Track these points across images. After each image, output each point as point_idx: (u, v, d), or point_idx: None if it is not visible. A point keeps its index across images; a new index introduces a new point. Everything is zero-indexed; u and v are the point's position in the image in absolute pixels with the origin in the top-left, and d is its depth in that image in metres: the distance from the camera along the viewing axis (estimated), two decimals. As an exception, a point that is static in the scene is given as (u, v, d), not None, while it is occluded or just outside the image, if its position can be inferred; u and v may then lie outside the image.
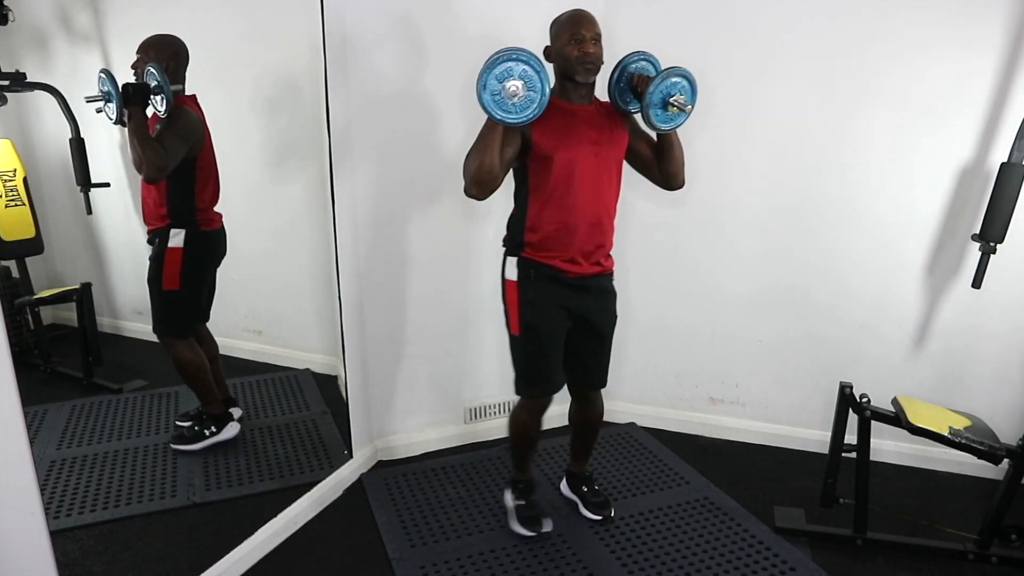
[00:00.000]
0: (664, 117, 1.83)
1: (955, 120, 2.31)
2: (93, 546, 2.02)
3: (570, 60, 1.82)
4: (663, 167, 1.95)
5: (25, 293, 2.86)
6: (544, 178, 1.86)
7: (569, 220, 1.87)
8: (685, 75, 1.81)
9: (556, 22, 1.89)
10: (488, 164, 1.74)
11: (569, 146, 1.84)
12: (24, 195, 2.84)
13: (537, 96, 1.71)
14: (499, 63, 1.67)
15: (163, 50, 2.19)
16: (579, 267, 1.92)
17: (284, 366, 3.08)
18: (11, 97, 2.61)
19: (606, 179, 1.91)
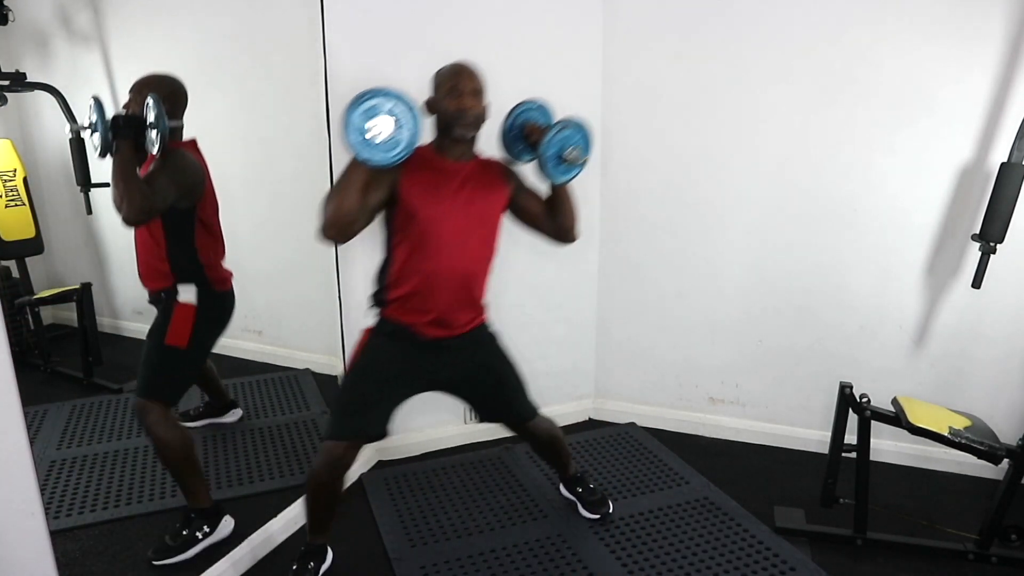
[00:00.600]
0: (559, 170, 1.78)
1: (955, 120, 2.31)
2: (93, 546, 2.02)
3: (448, 113, 1.74)
4: (557, 220, 1.88)
5: (25, 293, 2.87)
6: (407, 234, 1.76)
7: (431, 280, 1.77)
8: (579, 126, 1.76)
9: (437, 73, 1.81)
10: (347, 206, 1.61)
11: (436, 203, 1.74)
12: (24, 195, 2.85)
13: (406, 136, 1.58)
14: (366, 99, 1.55)
15: (160, 88, 1.97)
16: (442, 330, 1.83)
17: (284, 366, 3.09)
18: (11, 97, 2.61)
19: (476, 238, 1.81)
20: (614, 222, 2.79)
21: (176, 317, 1.99)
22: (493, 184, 1.84)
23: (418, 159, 1.71)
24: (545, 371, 2.88)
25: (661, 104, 2.63)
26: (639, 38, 2.60)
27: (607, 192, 2.76)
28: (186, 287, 2.02)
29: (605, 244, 2.82)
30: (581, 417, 3.00)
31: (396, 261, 1.80)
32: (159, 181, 1.88)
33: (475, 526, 2.20)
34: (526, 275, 2.64)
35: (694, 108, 2.60)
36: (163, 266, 2.02)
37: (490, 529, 2.19)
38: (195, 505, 2.02)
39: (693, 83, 2.57)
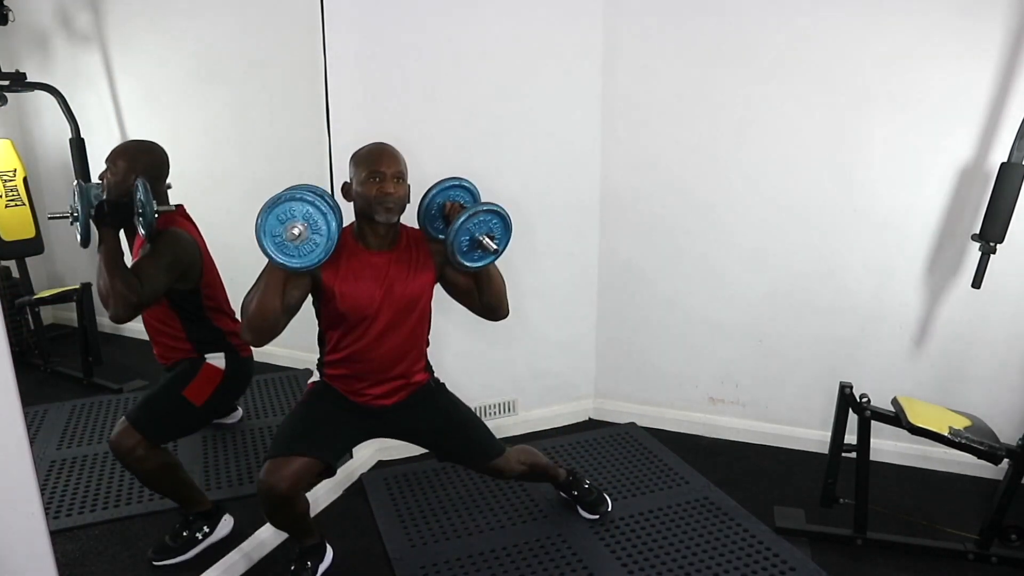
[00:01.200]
0: (470, 256, 1.73)
1: (955, 120, 2.30)
2: (93, 546, 2.02)
3: (369, 200, 1.68)
4: (483, 300, 1.86)
5: (25, 293, 2.86)
6: (334, 322, 1.77)
7: (364, 366, 1.80)
8: (497, 211, 1.70)
9: (355, 157, 1.75)
10: (267, 309, 1.58)
11: (361, 295, 1.72)
12: (24, 195, 2.84)
13: (323, 240, 1.56)
14: (280, 203, 1.51)
15: (137, 161, 1.86)
16: (376, 401, 1.85)
17: (284, 366, 3.08)
18: (11, 97, 2.61)
19: (405, 323, 1.80)
20: (614, 222, 2.79)
21: (202, 375, 1.96)
22: (418, 267, 1.80)
23: (339, 248, 1.64)
24: (545, 371, 2.88)
25: (661, 104, 2.63)
26: (639, 38, 2.60)
27: (607, 192, 2.76)
28: (215, 355, 1.99)
29: (605, 244, 2.82)
30: (581, 417, 3.00)
31: (329, 342, 1.83)
32: (148, 270, 1.79)
33: (475, 526, 2.20)
34: (526, 275, 2.64)
35: (694, 108, 2.59)
36: (182, 344, 1.97)
37: (490, 529, 2.18)
38: (193, 511, 2.02)
39: (693, 83, 2.57)
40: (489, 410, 2.82)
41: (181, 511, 2.02)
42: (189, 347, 1.98)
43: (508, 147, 2.59)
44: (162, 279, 1.82)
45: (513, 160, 2.59)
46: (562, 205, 2.72)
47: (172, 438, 2.07)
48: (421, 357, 1.92)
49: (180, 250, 1.87)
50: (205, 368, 1.97)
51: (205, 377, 1.96)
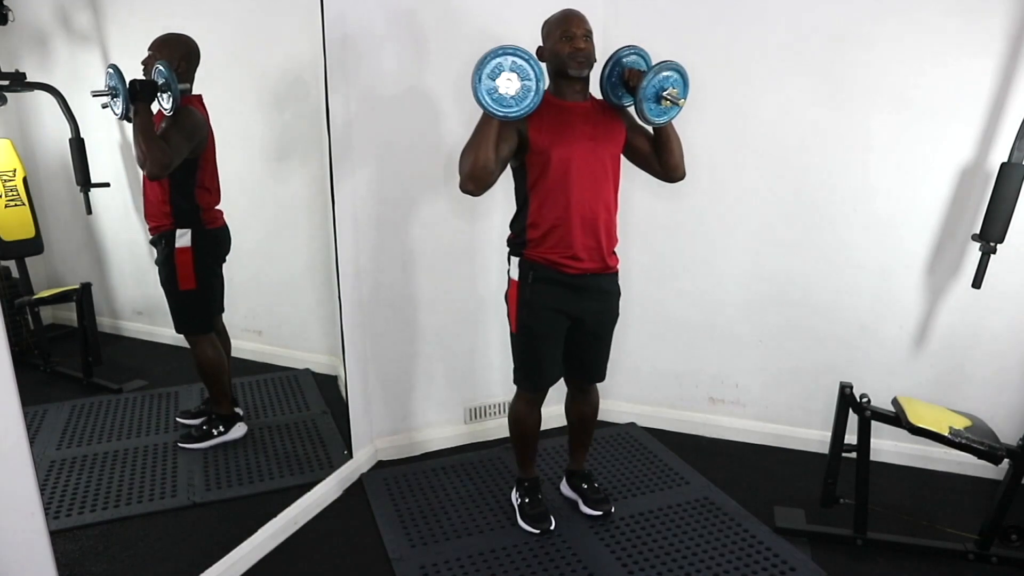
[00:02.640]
0: (658, 111, 1.85)
1: (955, 120, 2.31)
2: (93, 546, 2.02)
3: (562, 56, 1.85)
4: (662, 160, 1.97)
5: (25, 293, 2.86)
6: (541, 175, 1.88)
7: (568, 216, 1.89)
8: (677, 68, 1.84)
9: (547, 22, 1.93)
10: (483, 159, 1.76)
11: (565, 143, 1.86)
12: (24, 195, 2.84)
13: (532, 84, 1.74)
14: (489, 60, 1.69)
15: (175, 49, 2.19)
16: (580, 263, 1.93)
17: (284, 366, 3.08)
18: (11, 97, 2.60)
19: (603, 175, 1.92)
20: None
21: (179, 264, 2.25)
22: (611, 123, 1.95)
23: (540, 104, 1.80)
24: (545, 371, 2.88)
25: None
26: (639, 38, 2.59)
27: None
28: (182, 232, 2.24)
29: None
30: (581, 417, 3.00)
31: (533, 203, 1.92)
32: (174, 139, 2.12)
33: (475, 526, 2.20)
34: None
35: (693, 109, 2.58)
36: (165, 208, 2.23)
37: (490, 529, 2.18)
38: (217, 410, 2.44)
39: (693, 83, 2.56)
40: (489, 410, 2.82)
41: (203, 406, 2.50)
42: (169, 213, 2.24)
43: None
44: (185, 145, 2.15)
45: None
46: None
47: (211, 316, 2.42)
48: (615, 228, 2.01)
49: (196, 124, 2.20)
50: (177, 256, 2.25)
51: (181, 263, 2.25)
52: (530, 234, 1.95)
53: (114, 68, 2.10)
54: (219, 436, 2.44)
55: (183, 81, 2.18)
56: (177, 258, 2.26)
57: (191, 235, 2.25)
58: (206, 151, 2.25)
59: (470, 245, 2.64)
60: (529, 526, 2.16)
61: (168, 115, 2.12)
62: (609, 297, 2.05)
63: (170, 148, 2.11)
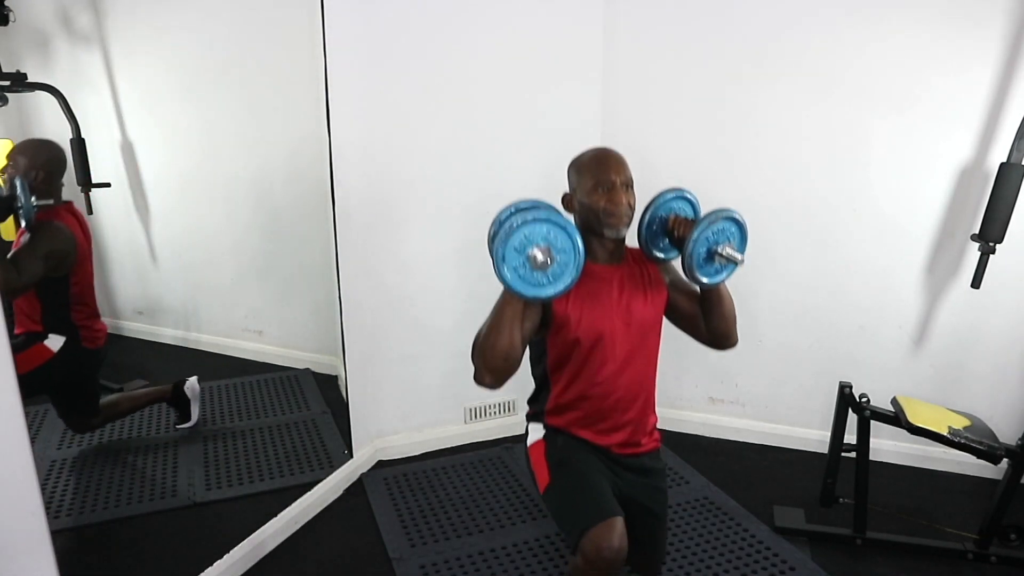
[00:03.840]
0: (709, 270, 1.53)
1: (954, 120, 2.31)
2: (94, 546, 2.02)
3: (596, 212, 1.50)
4: (711, 325, 1.63)
5: (25, 293, 2.86)
6: (566, 355, 1.56)
7: (598, 403, 1.57)
8: (733, 217, 1.53)
9: (577, 163, 1.58)
10: (506, 348, 1.42)
11: (597, 317, 1.52)
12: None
13: (571, 258, 1.40)
14: (517, 230, 1.34)
15: (34, 158, 2.06)
16: (625, 449, 1.63)
17: (284, 366, 3.08)
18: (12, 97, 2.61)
19: (643, 350, 1.60)
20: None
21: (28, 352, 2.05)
22: (651, 285, 1.61)
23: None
24: (545, 371, 2.88)
25: (661, 104, 2.63)
26: (639, 38, 2.60)
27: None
28: (56, 337, 2.09)
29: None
30: (581, 417, 3.00)
31: (557, 386, 1.61)
32: (24, 260, 1.95)
33: (475, 526, 2.20)
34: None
35: (694, 108, 2.60)
36: (35, 324, 2.08)
37: (490, 529, 2.19)
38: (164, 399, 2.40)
39: (693, 83, 2.57)
40: (489, 410, 2.83)
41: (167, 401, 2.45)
42: (40, 329, 2.09)
43: (507, 146, 2.59)
44: (38, 266, 1.98)
45: (512, 160, 2.59)
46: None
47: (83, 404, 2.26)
48: (653, 405, 1.71)
49: (55, 240, 2.03)
50: (34, 348, 2.08)
51: (30, 355, 2.07)
52: (551, 420, 1.63)
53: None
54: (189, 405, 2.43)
55: (44, 193, 2.03)
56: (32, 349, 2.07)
57: (64, 343, 2.10)
58: (77, 268, 2.09)
59: (470, 245, 2.64)
60: None
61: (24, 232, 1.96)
62: (652, 474, 1.68)
63: (18, 270, 1.94)
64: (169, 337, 2.57)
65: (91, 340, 2.18)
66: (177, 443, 2.56)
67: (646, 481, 1.65)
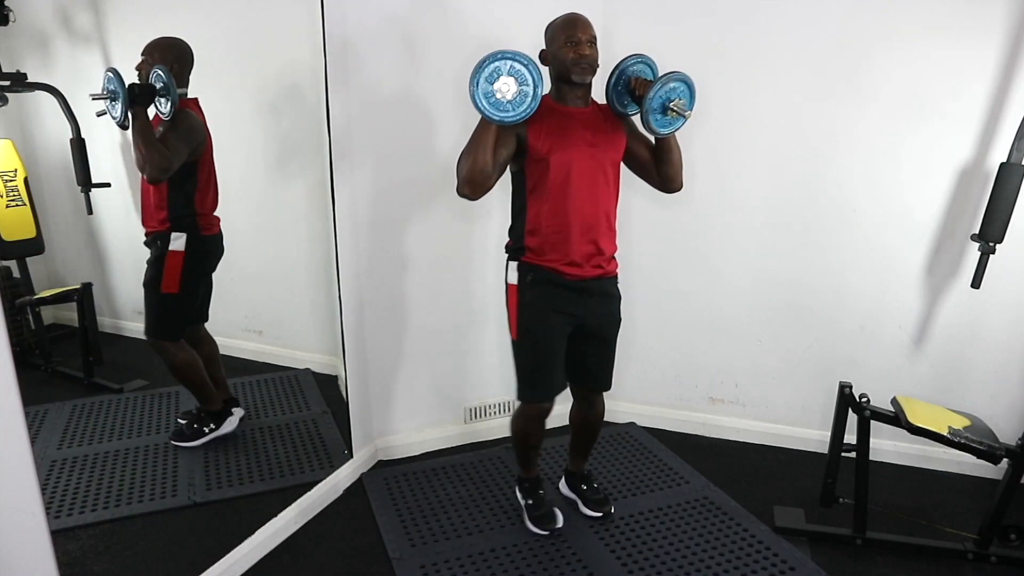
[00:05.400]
0: (663, 121, 1.83)
1: (954, 120, 2.31)
2: (94, 546, 2.02)
3: (565, 62, 1.83)
4: (661, 170, 1.95)
5: (26, 293, 2.86)
6: (540, 180, 1.87)
7: (567, 222, 1.87)
8: (684, 80, 1.81)
9: (551, 26, 1.90)
10: (481, 163, 1.75)
11: (565, 148, 1.84)
12: (25, 195, 2.84)
13: (530, 90, 1.73)
14: (487, 64, 1.69)
15: (168, 52, 2.17)
16: (579, 269, 1.92)
17: (284, 366, 3.08)
18: (12, 97, 2.61)
19: (603, 181, 1.90)
20: (614, 222, 2.79)
21: (168, 267, 2.23)
22: (612, 130, 1.93)
23: (540, 109, 1.79)
24: (545, 371, 2.88)
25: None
26: (639, 38, 2.60)
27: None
28: (178, 235, 2.22)
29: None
30: (581, 417, 3.00)
31: (531, 209, 1.91)
32: (172, 142, 2.11)
33: (475, 526, 2.20)
34: (526, 275, 2.64)
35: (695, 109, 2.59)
36: (162, 212, 2.22)
37: (490, 529, 2.19)
38: (206, 408, 2.40)
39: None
40: (489, 410, 2.83)
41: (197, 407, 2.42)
42: (165, 217, 2.22)
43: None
44: (183, 149, 2.13)
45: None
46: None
47: (185, 325, 2.38)
48: (615, 234, 1.99)
49: (194, 127, 2.19)
50: (168, 259, 2.23)
51: (170, 266, 2.23)
52: (528, 241, 1.93)
53: (113, 71, 2.10)
54: (211, 432, 2.41)
55: (179, 85, 2.16)
56: (168, 260, 2.25)
57: (186, 240, 2.24)
58: (204, 155, 2.25)
59: (469, 245, 2.64)
60: (537, 528, 2.16)
61: (166, 119, 2.11)
62: (611, 300, 2.04)
63: (169, 151, 2.10)
64: (169, 337, 2.56)
65: (208, 227, 2.31)
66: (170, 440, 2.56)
67: (605, 307, 2.02)
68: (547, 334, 1.96)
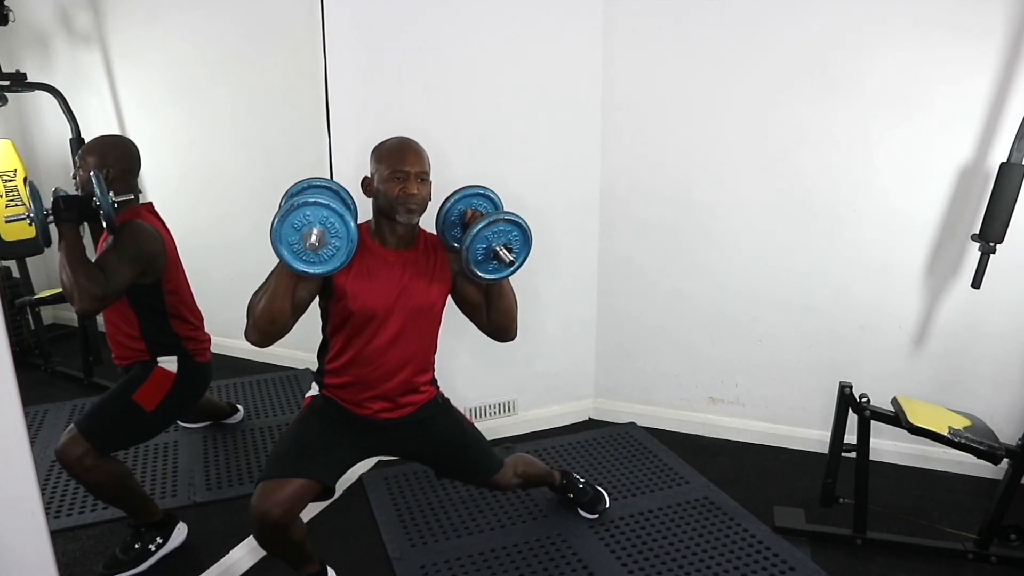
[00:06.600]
0: (487, 268, 1.65)
1: (955, 120, 2.31)
2: (94, 546, 2.02)
3: (390, 198, 1.63)
4: (491, 317, 1.77)
5: (26, 293, 2.86)
6: (342, 325, 1.69)
7: (368, 372, 1.71)
8: (517, 221, 1.63)
9: (377, 151, 1.70)
10: (274, 312, 1.54)
11: (373, 296, 1.66)
12: (25, 195, 2.84)
13: (343, 244, 1.52)
14: (294, 210, 1.46)
15: (106, 155, 1.88)
16: (382, 415, 1.76)
17: (284, 366, 3.08)
18: (12, 97, 2.61)
19: (416, 329, 1.73)
20: (613, 222, 2.79)
21: (153, 379, 1.92)
22: (434, 272, 1.74)
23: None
24: (545, 371, 2.88)
25: (660, 104, 2.63)
26: (639, 38, 2.60)
27: (606, 192, 2.77)
28: (166, 359, 1.96)
29: (604, 244, 2.83)
30: (581, 417, 3.00)
31: (332, 348, 1.74)
32: (111, 262, 1.77)
33: (475, 526, 2.20)
34: (525, 275, 2.64)
35: (693, 109, 2.60)
36: (137, 344, 1.94)
37: (490, 529, 2.19)
38: (145, 521, 1.96)
39: (692, 84, 2.57)
40: (489, 410, 2.83)
41: (131, 523, 1.95)
42: (143, 347, 1.94)
43: (508, 146, 2.59)
44: (126, 271, 1.79)
45: (513, 159, 2.59)
46: (562, 205, 2.72)
47: (123, 446, 2.02)
48: (428, 369, 1.83)
49: (143, 241, 1.85)
50: (156, 372, 1.93)
51: (156, 381, 1.92)
52: (328, 379, 1.77)
53: (30, 185, 1.79)
54: (159, 549, 1.96)
55: (122, 191, 1.88)
56: (154, 375, 1.92)
57: (178, 363, 1.96)
58: (168, 271, 1.93)
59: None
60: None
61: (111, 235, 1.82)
62: (428, 423, 1.83)
63: (105, 275, 1.73)
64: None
65: (201, 353, 2.03)
66: (177, 443, 2.57)
67: (420, 433, 1.83)
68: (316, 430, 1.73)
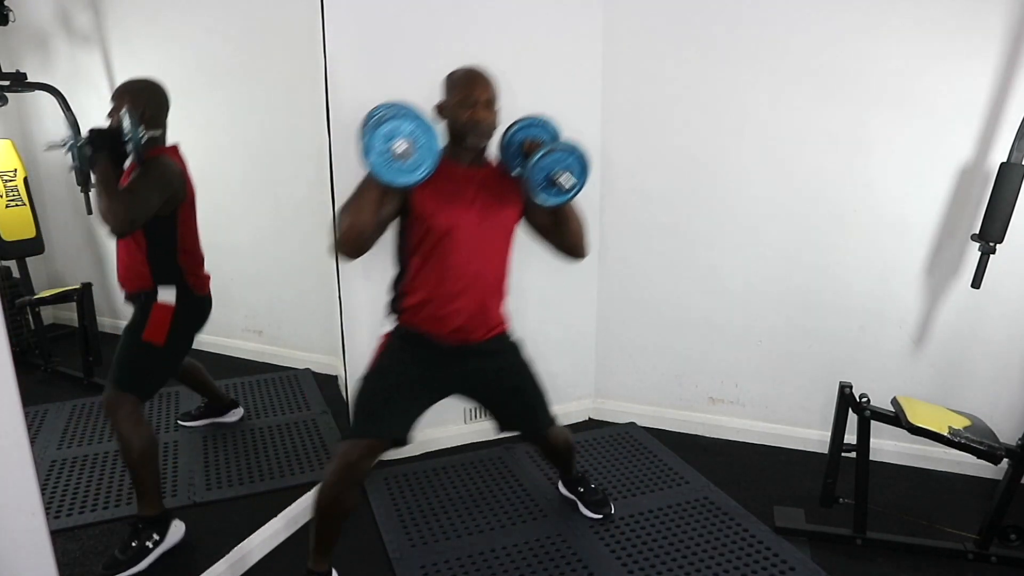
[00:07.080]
0: (548, 194, 1.71)
1: (955, 120, 2.31)
2: (94, 546, 2.02)
3: (460, 123, 1.72)
4: (559, 240, 1.84)
5: (26, 293, 2.86)
6: (422, 241, 1.74)
7: (447, 286, 1.75)
8: (573, 151, 1.69)
9: (450, 79, 1.78)
10: (361, 224, 1.61)
11: (450, 210, 1.72)
12: (25, 195, 2.84)
13: (428, 155, 1.59)
14: (386, 121, 1.53)
15: (138, 95, 2.00)
16: (457, 335, 1.80)
17: (284, 366, 3.09)
18: (12, 97, 2.61)
19: (491, 246, 1.80)
20: (614, 223, 2.79)
21: (154, 315, 2.02)
22: (507, 193, 1.81)
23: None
24: (545, 371, 2.85)
25: (661, 106, 2.63)
26: (639, 40, 2.60)
27: (607, 193, 2.76)
28: (166, 289, 2.04)
29: (605, 244, 2.82)
30: (581, 417, 3.00)
31: (411, 270, 1.79)
32: (140, 191, 1.90)
33: (475, 526, 2.20)
34: (526, 275, 2.64)
35: (693, 110, 2.60)
36: (143, 269, 2.04)
37: (490, 529, 2.19)
38: (144, 512, 1.97)
39: (693, 85, 2.57)
40: (489, 410, 2.82)
41: (130, 520, 2.00)
42: (147, 275, 2.03)
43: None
44: (152, 198, 1.92)
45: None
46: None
47: (160, 384, 2.12)
48: (503, 295, 1.88)
49: (166, 174, 1.97)
50: (155, 308, 2.03)
51: (157, 317, 2.02)
52: (406, 301, 1.81)
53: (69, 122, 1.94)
54: (156, 547, 1.96)
55: (152, 129, 2.00)
56: (154, 310, 2.02)
57: (176, 294, 2.05)
58: (184, 208, 2.05)
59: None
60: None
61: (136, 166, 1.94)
62: (500, 356, 1.90)
63: (136, 201, 1.88)
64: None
65: (200, 287, 2.14)
66: (177, 443, 2.57)
67: (494, 364, 1.89)
68: (398, 378, 1.80)
